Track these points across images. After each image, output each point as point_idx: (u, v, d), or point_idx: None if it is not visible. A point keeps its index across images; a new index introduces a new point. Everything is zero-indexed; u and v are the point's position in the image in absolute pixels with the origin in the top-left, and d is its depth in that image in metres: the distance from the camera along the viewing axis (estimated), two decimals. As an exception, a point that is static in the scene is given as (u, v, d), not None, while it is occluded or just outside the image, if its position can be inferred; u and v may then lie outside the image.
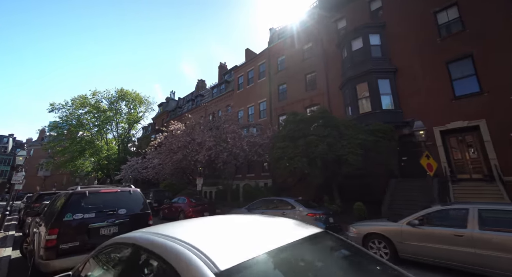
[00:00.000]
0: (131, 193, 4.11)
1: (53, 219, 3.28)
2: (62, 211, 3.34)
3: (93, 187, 4.14)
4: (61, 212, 3.32)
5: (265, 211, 6.63)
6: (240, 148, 10.93)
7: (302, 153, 8.84)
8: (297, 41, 17.84)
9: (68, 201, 3.46)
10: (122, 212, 3.80)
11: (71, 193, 3.59)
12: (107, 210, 3.68)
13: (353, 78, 12.42)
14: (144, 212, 4.04)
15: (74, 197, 3.54)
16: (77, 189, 3.74)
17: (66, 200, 3.48)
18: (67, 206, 3.40)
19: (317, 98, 15.66)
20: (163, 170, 16.72)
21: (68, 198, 3.49)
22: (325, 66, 15.60)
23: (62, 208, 3.37)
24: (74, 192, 3.63)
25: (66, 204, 3.42)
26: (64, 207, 3.38)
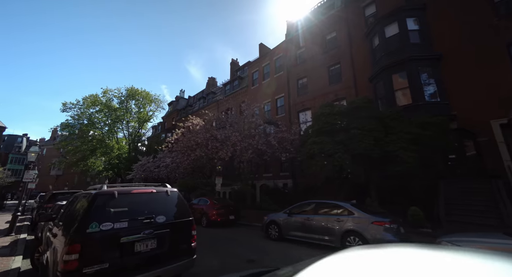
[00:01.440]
0: (168, 195, 3.17)
1: (73, 231, 2.38)
2: (85, 219, 2.43)
3: (121, 186, 3.22)
4: (84, 221, 2.42)
5: (312, 216, 5.59)
6: (266, 144, 9.92)
7: (343, 149, 7.75)
8: (318, 32, 16.71)
9: (92, 205, 2.55)
10: (161, 219, 2.86)
11: (95, 194, 2.69)
12: (143, 217, 2.76)
13: (388, 67, 11.20)
14: (186, 219, 3.10)
15: (99, 200, 2.63)
16: (103, 189, 2.86)
17: (89, 203, 2.58)
18: (91, 212, 2.50)
19: (343, 91, 14.49)
20: (178, 169, 15.94)
21: (91, 201, 2.59)
22: (351, 57, 14.41)
23: (84, 215, 2.47)
24: (99, 193, 2.71)
25: (89, 209, 2.52)
26: (87, 214, 2.48)
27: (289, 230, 6.02)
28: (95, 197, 2.64)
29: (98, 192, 2.74)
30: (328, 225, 5.20)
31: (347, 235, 4.85)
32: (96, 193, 2.69)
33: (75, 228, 2.41)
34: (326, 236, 5.18)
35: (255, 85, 21.62)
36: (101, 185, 2.95)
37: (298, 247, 5.48)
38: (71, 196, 4.18)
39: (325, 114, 8.61)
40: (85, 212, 2.50)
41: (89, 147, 27.85)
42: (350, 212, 5.03)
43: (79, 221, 2.46)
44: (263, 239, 6.43)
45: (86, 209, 2.53)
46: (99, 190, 2.83)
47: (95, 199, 2.61)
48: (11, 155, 47.31)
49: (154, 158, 24.12)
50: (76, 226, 2.43)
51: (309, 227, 5.55)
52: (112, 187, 3.04)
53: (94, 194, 2.68)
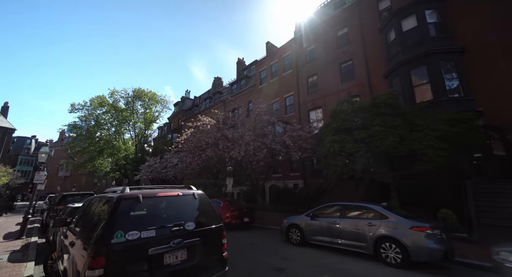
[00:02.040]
0: (195, 198, 2.83)
1: (96, 241, 2.08)
2: (109, 227, 2.11)
3: (145, 188, 2.90)
4: (107, 229, 2.09)
5: (338, 220, 5.18)
6: (280, 143, 9.54)
7: (365, 148, 7.33)
8: (329, 28, 16.27)
9: (115, 211, 2.21)
10: (190, 227, 2.52)
11: (119, 197, 2.35)
12: (171, 225, 2.43)
13: (406, 62, 10.71)
14: (216, 226, 2.76)
15: (123, 205, 2.28)
16: (126, 192, 2.52)
17: (112, 209, 2.25)
18: (115, 219, 2.17)
19: (356, 89, 14.02)
20: (187, 169, 15.70)
21: (115, 206, 2.25)
22: (364, 53, 13.93)
23: (108, 223, 2.15)
24: (123, 197, 2.37)
25: (113, 215, 2.19)
26: (110, 221, 2.16)
27: (312, 234, 5.63)
28: (118, 201, 2.31)
29: (122, 195, 2.40)
30: (358, 230, 4.78)
31: (381, 241, 4.42)
32: (119, 197, 2.36)
33: (97, 238, 2.09)
34: (356, 242, 4.77)
35: (263, 84, 21.28)
36: (122, 187, 2.63)
37: (326, 254, 5.09)
38: (86, 199, 3.89)
39: (344, 111, 8.20)
40: (108, 219, 2.17)
41: (97, 148, 27.98)
42: (383, 216, 4.60)
43: (102, 229, 2.13)
44: (284, 244, 6.06)
45: (109, 216, 2.20)
46: (122, 193, 2.48)
47: (118, 204, 2.28)
48: (20, 157, 48.07)
49: (161, 159, 24.03)
50: (98, 236, 2.11)
51: (335, 231, 5.15)
52: (135, 190, 2.73)
53: (118, 198, 2.35)
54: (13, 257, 5.44)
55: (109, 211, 2.28)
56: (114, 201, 2.35)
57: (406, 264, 4.09)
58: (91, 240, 2.16)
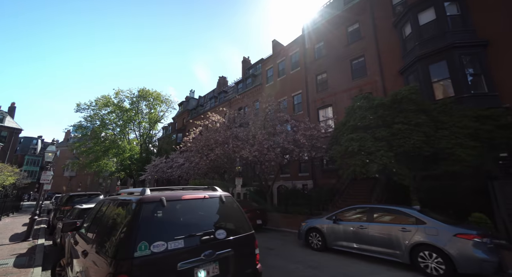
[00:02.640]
0: (223, 201, 2.48)
1: (115, 254, 1.73)
2: (130, 237, 1.76)
3: (166, 190, 2.55)
4: (129, 240, 1.75)
5: (366, 224, 4.77)
6: (293, 142, 9.14)
7: (386, 146, 6.89)
8: (338, 24, 15.82)
9: (137, 217, 1.87)
10: (221, 235, 2.16)
11: (140, 201, 2.00)
12: (201, 233, 2.09)
13: (424, 57, 10.22)
14: (247, 234, 2.39)
15: (146, 210, 1.94)
16: (147, 194, 2.17)
17: (133, 214, 1.91)
18: (137, 227, 1.82)
19: (368, 86, 13.55)
20: (194, 169, 15.40)
21: (136, 212, 1.91)
22: (377, 48, 13.45)
23: (128, 231, 1.81)
24: (145, 200, 2.02)
25: (134, 222, 1.84)
26: (132, 229, 1.81)
27: (336, 239, 5.23)
28: (140, 205, 1.96)
29: (143, 198, 2.04)
30: (390, 236, 4.36)
31: (419, 249, 3.98)
32: (140, 200, 2.01)
33: (118, 251, 1.74)
34: (387, 249, 4.34)
35: (269, 82, 20.90)
36: (141, 188, 2.28)
37: (353, 261, 4.67)
38: (98, 202, 3.57)
39: (361, 107, 7.77)
40: (129, 227, 1.83)
41: (102, 148, 27.92)
42: (419, 221, 4.17)
43: (123, 240, 1.79)
44: (303, 249, 5.68)
45: (130, 223, 1.85)
46: (143, 195, 2.14)
47: (140, 209, 1.93)
48: (27, 157, 48.53)
49: (167, 159, 23.84)
50: (119, 248, 1.76)
51: (363, 237, 4.74)
52: (155, 191, 2.38)
53: (138, 201, 2.00)
54: (19, 261, 5.17)
55: (129, 217, 1.93)
56: (134, 205, 2.01)
57: (450, 276, 3.66)
58: (110, 253, 1.81)
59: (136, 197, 2.14)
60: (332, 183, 13.79)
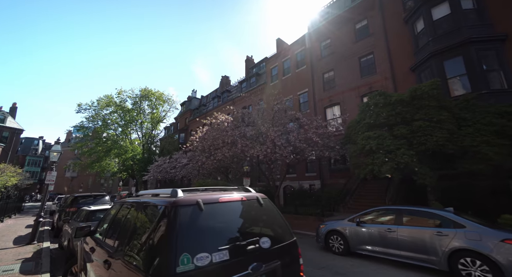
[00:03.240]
0: (261, 204, 2.19)
1: (154, 271, 1.44)
2: (170, 248, 1.46)
3: (197, 191, 2.27)
4: (169, 252, 1.45)
5: (394, 227, 4.46)
6: (304, 140, 8.82)
7: (406, 145, 6.60)
8: (346, 21, 15.52)
9: (174, 223, 1.58)
10: (266, 244, 1.86)
11: (174, 203, 1.70)
12: (244, 242, 1.79)
13: (439, 53, 9.92)
14: (290, 241, 2.10)
15: (183, 215, 1.65)
16: (179, 196, 1.88)
17: (169, 221, 1.60)
18: (175, 236, 1.52)
19: (378, 84, 13.25)
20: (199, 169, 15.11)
21: (172, 217, 1.61)
22: (387, 45, 13.15)
23: (166, 241, 1.51)
24: (180, 203, 1.72)
25: (171, 230, 1.55)
26: (170, 239, 1.51)
27: (360, 243, 4.93)
28: (175, 209, 1.66)
29: (178, 200, 1.74)
30: (424, 240, 4.03)
31: (459, 255, 3.66)
32: (175, 203, 1.71)
33: (156, 265, 1.44)
34: (420, 255, 4.03)
35: (274, 81, 20.61)
36: (172, 189, 1.98)
37: (381, 267, 4.36)
38: (114, 204, 3.28)
39: (378, 104, 7.47)
40: (165, 236, 1.54)
41: (104, 148, 27.65)
42: (457, 224, 3.86)
43: (160, 251, 1.49)
44: (324, 253, 5.38)
45: (167, 231, 1.56)
46: (175, 197, 1.83)
47: (176, 213, 1.64)
48: (28, 158, 48.31)
49: (170, 159, 23.57)
50: (156, 261, 1.46)
51: (391, 241, 4.44)
52: (187, 192, 2.09)
53: (172, 204, 1.71)
54: (25, 267, 4.89)
55: (164, 224, 1.63)
56: (167, 208, 1.71)
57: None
58: (144, 267, 1.52)
59: (167, 199, 1.85)
60: (340, 183, 13.49)
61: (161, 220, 1.69)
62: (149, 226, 1.81)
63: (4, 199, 12.19)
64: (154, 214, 1.87)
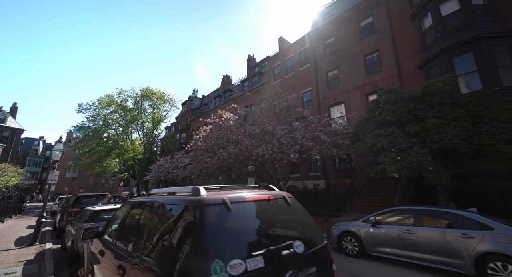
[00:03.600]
0: (289, 204, 2.00)
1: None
2: (200, 254, 1.28)
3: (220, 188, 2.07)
4: (200, 259, 1.27)
5: (414, 228, 4.25)
6: (311, 139, 8.62)
7: (419, 143, 6.40)
8: (350, 18, 15.32)
9: (201, 225, 1.39)
10: (300, 248, 1.66)
11: (199, 202, 1.52)
12: (279, 246, 1.58)
13: (448, 49, 9.73)
14: (322, 245, 1.90)
15: (210, 215, 1.46)
16: (203, 194, 1.66)
17: (194, 222, 1.42)
18: (204, 240, 1.33)
19: (384, 82, 13.05)
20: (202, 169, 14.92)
21: (199, 219, 1.42)
22: (393, 43, 12.96)
23: (195, 246, 1.32)
24: (205, 201, 1.53)
25: (199, 233, 1.36)
26: (199, 243, 1.32)
27: (376, 244, 4.73)
28: (201, 209, 1.47)
29: (202, 199, 1.54)
30: (447, 243, 3.80)
31: (488, 259, 3.43)
32: (200, 202, 1.52)
33: (185, 274, 1.25)
34: (444, 258, 3.81)
35: (277, 80, 20.41)
36: (192, 187, 1.78)
37: (403, 270, 4.13)
38: (122, 204, 3.09)
39: (389, 101, 7.26)
40: (193, 240, 1.34)
41: (105, 148, 27.46)
42: (484, 226, 3.64)
43: (190, 258, 1.30)
44: (337, 255, 5.17)
45: (194, 234, 1.37)
46: (199, 195, 1.63)
47: (203, 214, 1.44)
48: (28, 158, 48.14)
49: (172, 158, 23.39)
50: (185, 269, 1.26)
51: (410, 243, 4.23)
52: (211, 190, 1.90)
53: (197, 204, 1.51)
54: (28, 269, 4.70)
55: (189, 226, 1.44)
56: (194, 209, 1.51)
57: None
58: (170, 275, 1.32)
59: (190, 198, 1.65)
60: (346, 183, 13.29)
61: (185, 221, 1.50)
62: (170, 228, 1.61)
63: (5, 199, 12.00)
64: (175, 215, 1.67)
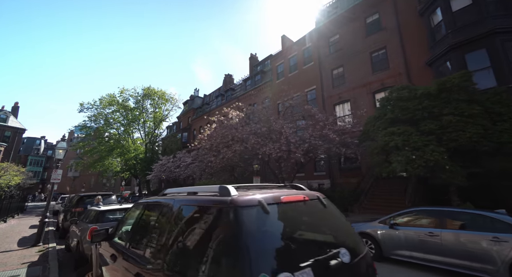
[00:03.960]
0: (325, 205, 1.79)
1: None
2: (243, 266, 1.05)
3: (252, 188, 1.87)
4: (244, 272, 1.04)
5: (437, 231, 4.02)
6: (319, 137, 8.41)
7: (435, 141, 6.19)
8: (356, 15, 15.07)
9: (238, 231, 1.18)
10: (346, 257, 1.43)
11: (232, 204, 1.31)
12: (326, 255, 1.35)
13: (459, 45, 9.49)
14: (365, 252, 1.69)
15: (248, 219, 1.24)
16: (233, 194, 1.44)
17: (230, 228, 1.21)
18: (245, 250, 1.10)
19: (391, 79, 12.82)
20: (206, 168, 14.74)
21: (234, 224, 1.21)
22: (400, 39, 12.71)
23: (232, 257, 1.11)
24: (238, 202, 1.32)
25: (237, 241, 1.14)
26: (238, 254, 1.10)
27: (394, 247, 4.52)
28: (236, 211, 1.27)
29: (235, 200, 1.34)
30: (476, 247, 3.57)
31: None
32: (233, 203, 1.32)
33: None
34: (472, 263, 3.55)
35: (280, 79, 20.18)
36: (220, 186, 1.58)
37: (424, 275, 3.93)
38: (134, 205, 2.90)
39: (402, 98, 7.04)
40: (232, 250, 1.14)
41: (106, 147, 27.34)
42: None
43: (228, 271, 1.11)
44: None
45: (232, 242, 1.17)
46: (230, 196, 1.41)
47: (240, 218, 1.24)
48: (30, 157, 48.07)
49: (174, 158, 23.23)
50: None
51: (433, 246, 4.01)
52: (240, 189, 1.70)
53: (230, 205, 1.30)
54: (32, 272, 4.52)
55: (224, 232, 1.24)
56: (227, 211, 1.31)
57: None
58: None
59: (219, 198, 1.45)
60: (351, 183, 13.08)
61: (218, 226, 1.30)
62: (198, 234, 1.41)
63: (7, 199, 11.85)
64: (202, 218, 1.47)
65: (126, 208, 5.48)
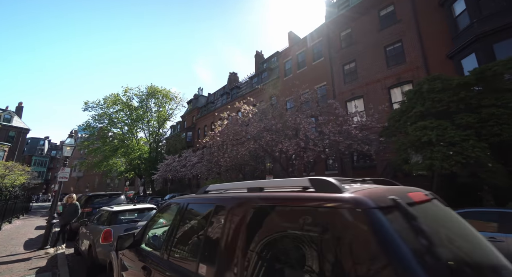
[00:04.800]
0: (446, 205, 1.32)
1: None
2: None
3: (350, 182, 1.39)
4: None
5: (502, 236, 3.50)
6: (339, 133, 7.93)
7: (474, 136, 5.68)
8: (368, 8, 14.54)
9: (390, 242, 0.73)
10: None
11: (367, 205, 0.85)
12: (481, 273, 0.92)
13: (486, 35, 8.94)
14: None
15: (395, 228, 0.78)
16: (346, 191, 0.98)
17: (375, 241, 0.75)
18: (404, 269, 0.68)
19: (408, 73, 12.28)
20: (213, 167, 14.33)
21: (383, 236, 0.76)
22: (418, 31, 12.16)
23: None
24: (368, 202, 0.86)
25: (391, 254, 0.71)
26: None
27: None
28: (375, 215, 0.83)
29: (365, 199, 0.89)
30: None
31: None
32: (366, 203, 0.87)
33: None
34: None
35: (288, 75, 19.68)
36: (319, 179, 1.13)
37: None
38: (166, 205, 2.45)
39: (435, 89, 6.53)
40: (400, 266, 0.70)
41: (111, 147, 27.09)
42: None
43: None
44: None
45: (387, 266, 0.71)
46: (341, 192, 0.99)
47: (380, 223, 0.80)
48: (34, 158, 48.09)
49: (180, 157, 22.89)
50: None
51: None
52: (345, 182, 1.25)
53: (364, 205, 0.86)
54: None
55: (366, 242, 0.79)
56: (349, 214, 0.86)
57: None
58: None
59: (332, 195, 0.99)
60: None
61: (339, 237, 0.84)
62: (305, 247, 0.95)
63: (12, 199, 11.52)
64: (297, 223, 1.01)
65: (141, 208, 5.05)
